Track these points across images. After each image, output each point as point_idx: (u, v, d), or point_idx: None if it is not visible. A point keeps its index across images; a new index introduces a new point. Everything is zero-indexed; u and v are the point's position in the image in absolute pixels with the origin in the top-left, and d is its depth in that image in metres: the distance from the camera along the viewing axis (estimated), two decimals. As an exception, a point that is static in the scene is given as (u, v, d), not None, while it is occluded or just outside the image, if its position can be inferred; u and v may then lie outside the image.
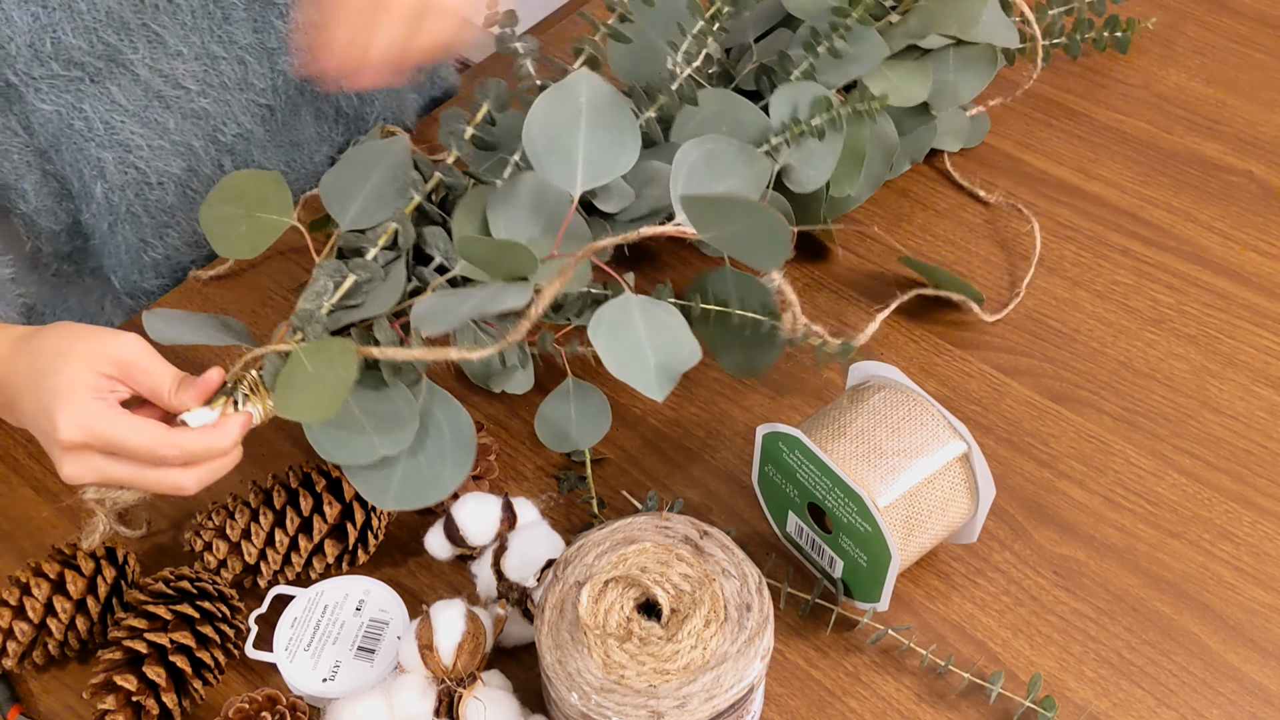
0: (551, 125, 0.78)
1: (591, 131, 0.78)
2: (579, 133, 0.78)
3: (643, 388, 0.71)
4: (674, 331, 0.73)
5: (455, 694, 0.73)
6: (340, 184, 0.83)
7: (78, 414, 0.69)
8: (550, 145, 0.78)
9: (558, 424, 0.87)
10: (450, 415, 0.77)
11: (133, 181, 0.96)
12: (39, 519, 0.87)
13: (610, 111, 0.79)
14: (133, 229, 0.99)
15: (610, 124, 0.79)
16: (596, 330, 0.72)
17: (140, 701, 0.74)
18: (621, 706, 0.67)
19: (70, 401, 0.70)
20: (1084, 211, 1.04)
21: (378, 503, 0.76)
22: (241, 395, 0.74)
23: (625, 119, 0.79)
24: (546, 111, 0.78)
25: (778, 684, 0.78)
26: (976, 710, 0.76)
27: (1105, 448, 0.89)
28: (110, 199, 0.96)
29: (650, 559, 0.72)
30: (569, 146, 0.78)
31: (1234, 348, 0.94)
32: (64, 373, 0.70)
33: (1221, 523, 0.85)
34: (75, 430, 0.69)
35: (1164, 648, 0.79)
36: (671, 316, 0.74)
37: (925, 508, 0.76)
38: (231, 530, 0.81)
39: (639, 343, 0.72)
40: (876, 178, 0.99)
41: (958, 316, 0.97)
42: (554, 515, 0.85)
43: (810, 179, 0.91)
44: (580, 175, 0.77)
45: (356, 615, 0.79)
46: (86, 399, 0.70)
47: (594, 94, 0.79)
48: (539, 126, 0.78)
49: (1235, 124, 1.11)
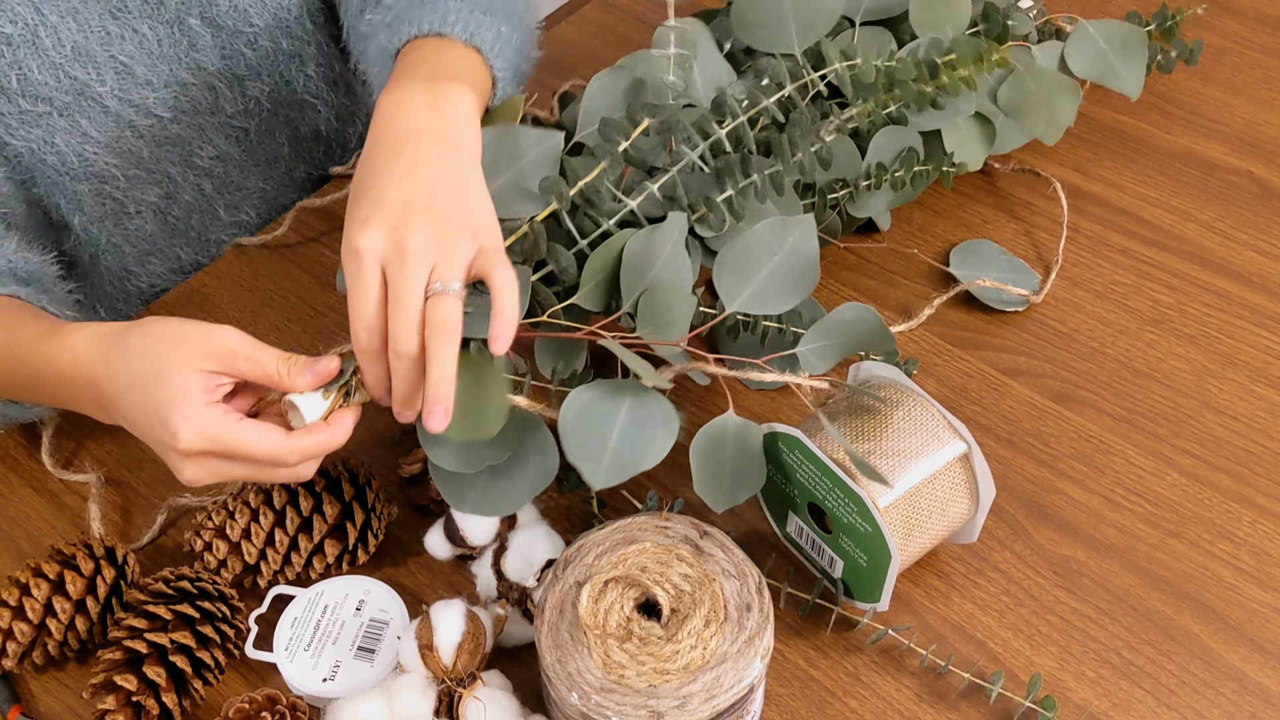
0: (749, 250, 0.81)
1: (775, 272, 0.82)
2: (765, 268, 0.81)
3: (588, 477, 0.72)
4: (655, 439, 0.74)
5: (455, 694, 0.73)
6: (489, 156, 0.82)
7: (198, 423, 0.69)
8: (737, 264, 0.81)
9: None
10: (541, 444, 0.77)
11: (111, 213, 0.95)
12: (38, 519, 0.87)
13: (803, 265, 0.82)
14: (115, 259, 0.99)
15: (795, 274, 0.82)
16: (566, 413, 0.73)
17: (140, 701, 0.74)
18: (621, 707, 0.67)
19: (187, 410, 0.69)
20: (1084, 212, 1.04)
21: (455, 505, 0.77)
22: (354, 385, 0.74)
23: (809, 278, 0.82)
24: (756, 237, 0.81)
25: (778, 684, 0.78)
26: (977, 710, 0.76)
27: (1105, 448, 0.89)
28: (89, 230, 0.95)
29: (650, 559, 0.72)
30: (750, 274, 0.81)
31: (1234, 348, 0.94)
32: (173, 380, 0.70)
33: (1222, 523, 0.85)
34: (197, 439, 0.69)
35: (1164, 648, 0.79)
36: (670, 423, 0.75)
37: (925, 508, 0.76)
38: (231, 530, 0.81)
39: (609, 435, 0.73)
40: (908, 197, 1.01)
41: (958, 316, 0.97)
42: (554, 515, 0.85)
43: (870, 208, 0.98)
44: (741, 299, 0.81)
45: (357, 615, 0.79)
46: (201, 406, 0.69)
47: (800, 242, 0.82)
48: (740, 247, 0.81)
49: (1235, 124, 1.11)
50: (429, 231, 0.70)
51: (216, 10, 0.92)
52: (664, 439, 0.74)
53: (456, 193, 0.73)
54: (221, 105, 0.97)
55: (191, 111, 0.95)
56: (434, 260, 0.70)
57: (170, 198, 0.98)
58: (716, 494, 0.76)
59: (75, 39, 0.86)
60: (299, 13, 0.97)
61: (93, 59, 0.87)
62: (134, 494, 0.89)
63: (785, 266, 0.81)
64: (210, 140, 0.98)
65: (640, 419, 0.74)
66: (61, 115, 0.88)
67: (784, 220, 0.81)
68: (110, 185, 0.94)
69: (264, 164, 1.04)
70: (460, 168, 0.74)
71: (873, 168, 0.94)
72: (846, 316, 0.82)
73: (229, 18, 0.93)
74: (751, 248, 0.81)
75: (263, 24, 0.95)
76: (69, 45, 0.86)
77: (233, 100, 0.98)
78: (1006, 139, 1.01)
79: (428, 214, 0.71)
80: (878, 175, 0.93)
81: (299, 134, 1.05)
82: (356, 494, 0.82)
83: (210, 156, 0.99)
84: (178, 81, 0.93)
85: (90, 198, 0.93)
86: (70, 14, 0.85)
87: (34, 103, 0.86)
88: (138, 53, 0.90)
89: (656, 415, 0.74)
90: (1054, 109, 1.00)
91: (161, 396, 0.70)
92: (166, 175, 0.97)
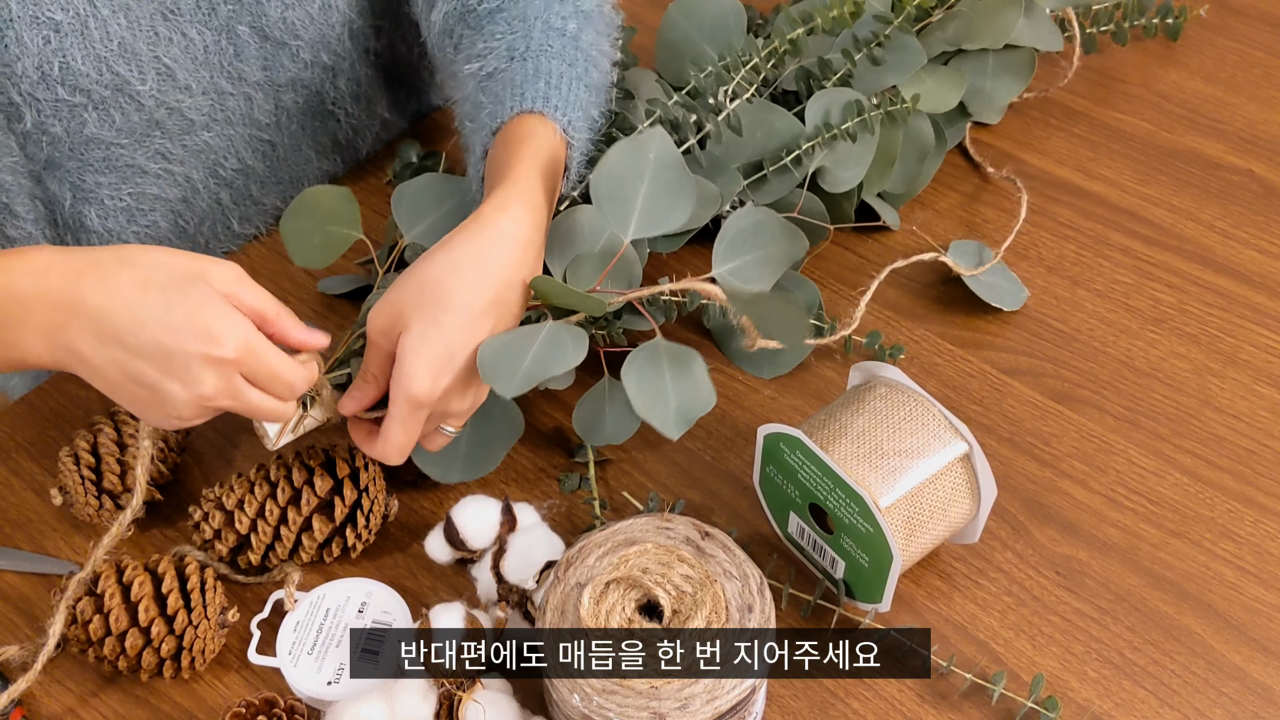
0: (619, 173, 0.82)
1: (653, 187, 0.82)
2: (642, 185, 0.82)
3: (662, 429, 0.78)
4: (695, 379, 0.80)
5: (456, 697, 0.73)
6: None
7: (241, 328, 0.69)
8: (613, 191, 0.82)
9: (593, 419, 0.89)
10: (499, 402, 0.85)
11: (126, 208, 0.95)
12: (39, 522, 0.87)
13: (674, 172, 0.83)
14: None
15: (671, 184, 0.83)
16: (628, 372, 0.78)
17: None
18: (623, 708, 0.67)
19: (230, 315, 0.69)
20: (1084, 211, 1.04)
21: (443, 479, 0.86)
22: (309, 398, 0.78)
23: (686, 182, 0.84)
24: (618, 159, 0.82)
25: (780, 685, 0.78)
26: (979, 711, 0.76)
27: (1107, 447, 0.89)
28: (104, 224, 0.95)
29: (651, 560, 0.72)
30: (630, 196, 0.82)
31: (1235, 347, 0.94)
32: (200, 288, 0.69)
33: (1224, 522, 0.84)
34: (239, 345, 0.69)
35: (1166, 647, 0.79)
36: (694, 364, 0.80)
37: (927, 508, 0.76)
38: (227, 499, 0.82)
39: (664, 387, 0.78)
40: (911, 176, 1.01)
41: (959, 316, 0.97)
42: (554, 518, 0.85)
43: (843, 180, 0.96)
44: (634, 224, 0.82)
45: (359, 618, 0.79)
46: (229, 308, 0.69)
47: (662, 153, 0.83)
48: (608, 170, 0.82)
49: (1236, 123, 1.11)
50: (473, 401, 0.80)
51: (266, 21, 0.93)
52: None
53: None
54: (256, 116, 0.98)
55: (224, 121, 0.96)
56: (459, 415, 0.80)
57: (187, 202, 0.99)
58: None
59: (123, 35, 0.86)
60: (341, 30, 0.99)
61: (137, 57, 0.88)
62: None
63: (661, 179, 0.83)
64: (237, 152, 0.99)
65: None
66: (96, 108, 0.88)
67: (635, 139, 0.83)
68: (130, 183, 0.94)
69: (286, 183, 1.05)
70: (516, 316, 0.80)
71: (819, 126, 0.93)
72: (744, 224, 0.85)
73: (277, 29, 0.94)
74: (621, 174, 0.82)
75: (308, 38, 0.96)
76: (116, 41, 0.86)
77: (267, 111, 0.98)
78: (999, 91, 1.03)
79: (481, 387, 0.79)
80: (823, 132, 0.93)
81: (321, 147, 1.06)
82: (351, 475, 0.83)
83: (234, 168, 1.00)
84: (216, 89, 0.94)
85: (108, 190, 0.93)
86: (123, 10, 0.86)
87: (71, 92, 0.86)
88: (182, 56, 0.90)
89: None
90: (999, 24, 1.01)
91: (194, 300, 0.69)
92: (189, 179, 0.97)
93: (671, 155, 0.83)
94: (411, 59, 1.11)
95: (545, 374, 0.76)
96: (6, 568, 0.84)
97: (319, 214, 0.87)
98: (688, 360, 0.80)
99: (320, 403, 0.78)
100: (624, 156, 0.82)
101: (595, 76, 0.89)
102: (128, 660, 0.76)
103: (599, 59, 0.90)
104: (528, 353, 0.77)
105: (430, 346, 0.74)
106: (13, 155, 0.89)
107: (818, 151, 0.93)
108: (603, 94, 0.90)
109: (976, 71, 1.04)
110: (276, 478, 0.82)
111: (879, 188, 0.99)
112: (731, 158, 0.94)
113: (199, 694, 0.79)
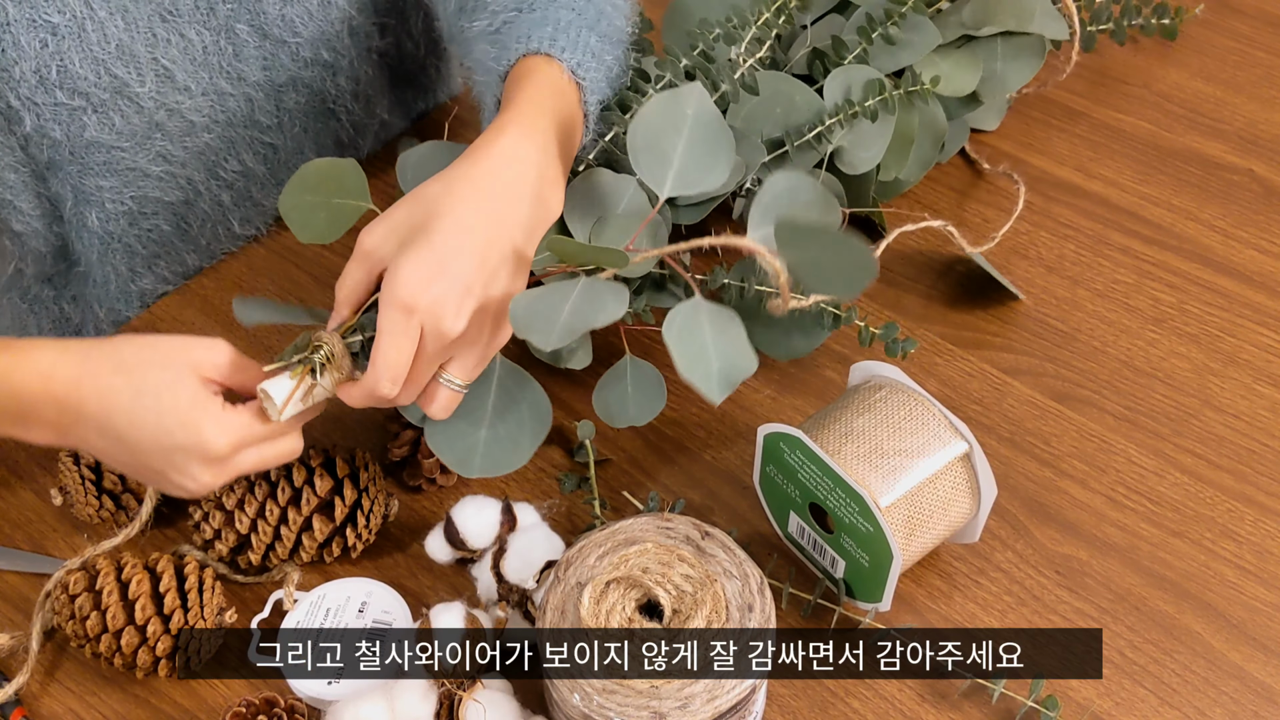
0: (656, 128, 0.80)
1: (690, 144, 0.81)
2: (680, 141, 0.80)
3: (704, 390, 0.73)
4: (736, 340, 0.75)
5: (456, 696, 0.73)
6: None
7: (226, 426, 0.73)
8: (650, 145, 0.80)
9: (615, 400, 0.87)
10: (527, 389, 0.82)
11: (128, 211, 0.95)
12: (39, 522, 0.87)
13: (713, 129, 0.81)
14: (124, 258, 0.98)
15: (709, 141, 0.81)
16: (669, 330, 0.73)
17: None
18: (624, 707, 0.67)
19: (215, 417, 0.72)
20: (1084, 211, 1.04)
21: (463, 472, 0.81)
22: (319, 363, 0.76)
23: (725, 141, 0.81)
24: (655, 113, 0.80)
25: (780, 684, 0.78)
26: (979, 710, 0.76)
27: (1107, 447, 0.89)
28: (105, 227, 0.95)
29: (652, 560, 0.72)
30: (667, 152, 0.80)
31: (1235, 346, 0.94)
32: (183, 390, 0.72)
33: (1224, 521, 0.84)
34: (230, 444, 0.73)
35: (1166, 647, 0.79)
36: (734, 324, 0.75)
37: (927, 507, 0.76)
38: (227, 499, 0.82)
39: (706, 347, 0.74)
40: (926, 161, 1.01)
41: (959, 316, 0.97)
42: (554, 518, 0.85)
43: (862, 160, 0.95)
44: (670, 181, 0.80)
45: (359, 617, 0.79)
46: (217, 410, 0.72)
47: (701, 110, 0.81)
48: (644, 125, 0.80)
49: (1236, 122, 1.11)
50: (474, 329, 0.75)
51: (265, 18, 0.93)
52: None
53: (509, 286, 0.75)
54: (257, 118, 0.98)
55: (225, 123, 0.96)
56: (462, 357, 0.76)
57: (189, 204, 0.99)
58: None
59: (121, 37, 0.86)
60: (340, 27, 0.98)
61: (136, 59, 0.87)
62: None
63: (698, 136, 0.81)
64: (238, 154, 0.99)
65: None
66: (95, 111, 0.88)
67: (672, 93, 0.81)
68: (131, 186, 0.94)
69: None
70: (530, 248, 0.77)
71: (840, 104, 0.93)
72: (779, 189, 0.80)
73: (276, 27, 0.94)
74: (659, 128, 0.80)
75: (307, 35, 0.96)
76: (114, 43, 0.86)
77: (268, 113, 0.98)
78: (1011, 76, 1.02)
79: (484, 309, 0.74)
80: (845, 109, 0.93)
81: (322, 147, 1.06)
82: (351, 475, 0.83)
83: (235, 170, 0.99)
84: (216, 90, 0.94)
85: (110, 194, 0.93)
86: (120, 11, 0.86)
87: (70, 96, 0.86)
88: (181, 58, 0.90)
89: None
90: (1022, 5, 1.00)
91: (184, 403, 0.72)
92: (190, 181, 0.97)
93: (710, 112, 0.81)
94: (419, 55, 1.11)
95: (586, 325, 0.72)
96: (6, 568, 0.84)
97: (323, 187, 0.83)
98: (728, 321, 0.75)
99: (332, 370, 0.76)
100: (661, 111, 0.80)
101: (606, 27, 0.87)
102: (123, 658, 0.76)
103: (612, 14, 0.89)
104: (563, 306, 0.74)
105: (418, 252, 0.72)
106: (14, 154, 0.89)
107: (839, 129, 0.92)
108: (618, 46, 0.88)
109: (988, 56, 1.03)
110: (276, 478, 0.82)
111: (896, 172, 0.99)
112: (753, 130, 0.93)
113: (199, 694, 0.79)
